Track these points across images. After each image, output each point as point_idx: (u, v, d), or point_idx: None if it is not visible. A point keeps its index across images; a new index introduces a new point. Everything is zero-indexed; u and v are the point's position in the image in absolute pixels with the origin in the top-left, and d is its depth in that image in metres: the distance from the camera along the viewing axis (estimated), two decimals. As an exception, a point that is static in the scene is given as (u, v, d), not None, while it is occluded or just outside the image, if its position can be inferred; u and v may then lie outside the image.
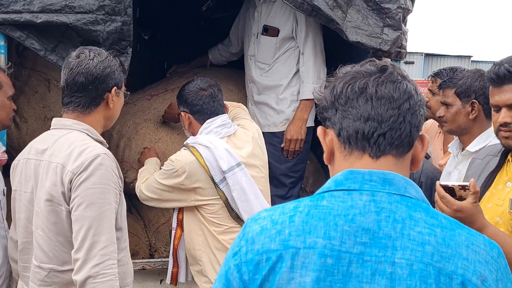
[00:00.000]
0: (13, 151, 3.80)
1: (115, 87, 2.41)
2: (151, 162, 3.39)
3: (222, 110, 3.15)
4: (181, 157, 3.00)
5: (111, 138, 3.81)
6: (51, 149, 2.31)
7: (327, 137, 1.40)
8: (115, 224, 2.29)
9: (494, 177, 2.37)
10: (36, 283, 2.33)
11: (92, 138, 2.37)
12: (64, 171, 2.22)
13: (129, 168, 3.66)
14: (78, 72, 2.33)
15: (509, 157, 2.34)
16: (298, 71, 3.90)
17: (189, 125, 3.13)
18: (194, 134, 3.12)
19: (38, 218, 2.30)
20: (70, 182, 2.21)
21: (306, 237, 1.27)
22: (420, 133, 1.37)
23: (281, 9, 3.72)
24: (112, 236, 2.22)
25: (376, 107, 1.31)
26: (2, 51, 3.01)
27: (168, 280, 3.26)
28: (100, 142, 2.40)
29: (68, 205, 2.22)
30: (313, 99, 3.81)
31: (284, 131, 3.87)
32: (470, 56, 33.08)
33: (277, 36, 3.87)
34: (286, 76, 3.87)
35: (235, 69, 4.48)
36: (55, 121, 2.44)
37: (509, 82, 2.19)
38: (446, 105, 3.11)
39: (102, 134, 2.51)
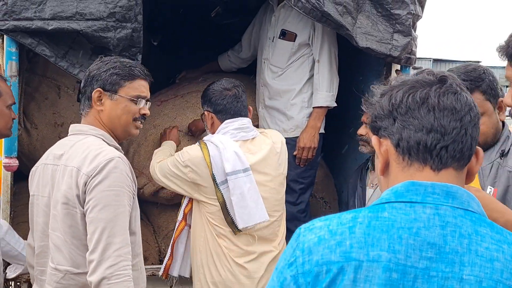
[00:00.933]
0: (23, 157, 3.82)
1: (99, 89, 2.43)
2: (168, 145, 3.48)
3: (245, 111, 3.18)
4: (190, 151, 3.07)
5: (120, 144, 3.81)
6: (67, 154, 2.37)
7: (382, 148, 1.36)
8: (129, 228, 2.32)
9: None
10: (52, 285, 2.36)
11: (108, 143, 2.42)
12: (79, 174, 2.27)
13: (138, 174, 3.65)
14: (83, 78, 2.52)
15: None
16: (310, 78, 3.90)
17: (212, 124, 3.15)
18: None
19: (55, 221, 2.34)
20: (85, 184, 2.25)
21: (369, 249, 1.23)
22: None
23: (300, 15, 3.73)
24: (126, 238, 2.25)
25: (439, 118, 1.28)
26: (14, 57, 3.03)
27: (160, 271, 3.29)
28: (116, 148, 2.45)
29: (83, 207, 2.26)
30: (326, 106, 3.82)
31: (293, 137, 3.86)
32: (479, 62, 33.01)
33: (294, 41, 3.89)
34: (298, 82, 3.87)
35: (245, 74, 4.48)
36: (72, 127, 2.51)
37: None
38: None
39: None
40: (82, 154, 2.31)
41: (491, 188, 2.24)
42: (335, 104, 3.89)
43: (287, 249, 1.34)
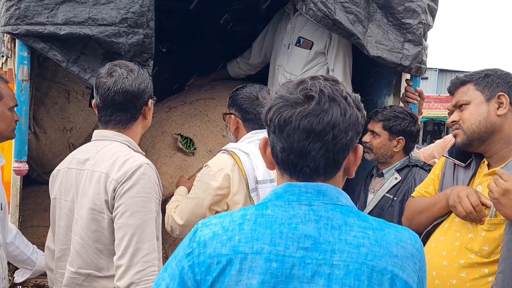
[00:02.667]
0: (32, 161, 3.83)
1: (150, 100, 2.48)
2: (180, 192, 3.27)
3: None
4: (219, 160, 2.93)
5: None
6: (93, 159, 2.36)
7: (267, 150, 1.52)
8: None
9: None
10: (72, 287, 2.38)
11: (133, 149, 2.43)
12: (108, 180, 2.27)
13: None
14: (116, 92, 2.36)
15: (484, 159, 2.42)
16: None
17: (236, 129, 3.06)
18: (237, 139, 3.07)
19: (77, 226, 2.34)
20: (114, 190, 2.25)
21: (253, 243, 1.40)
22: (355, 145, 1.46)
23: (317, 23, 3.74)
24: (153, 244, 2.27)
25: (298, 141, 1.40)
26: (26, 62, 3.03)
27: None
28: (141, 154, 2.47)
29: (111, 213, 2.27)
30: None
31: None
32: (484, 72, 32.93)
33: (310, 49, 3.90)
34: None
35: (253, 81, 4.47)
36: (96, 132, 2.49)
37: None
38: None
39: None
40: (110, 159, 2.31)
41: None
42: None
43: (185, 240, 1.48)
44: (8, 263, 3.13)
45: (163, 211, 2.90)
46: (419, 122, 3.81)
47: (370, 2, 3.51)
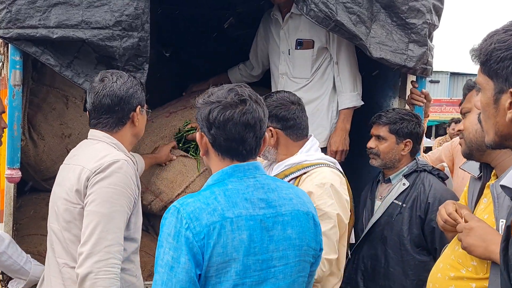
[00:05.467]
0: (29, 168, 3.75)
1: (139, 106, 2.58)
2: None
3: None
4: (328, 174, 2.72)
5: (128, 156, 3.73)
6: (78, 155, 2.53)
7: (203, 140, 2.00)
8: (129, 233, 2.39)
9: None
10: (56, 276, 2.47)
11: (117, 150, 2.52)
12: (83, 171, 2.38)
13: (144, 190, 3.56)
14: (104, 95, 2.50)
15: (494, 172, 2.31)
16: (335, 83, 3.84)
17: (276, 141, 2.83)
18: (280, 152, 2.85)
19: (58, 215, 2.45)
20: (87, 179, 2.34)
21: (233, 209, 1.88)
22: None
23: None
24: (118, 237, 2.31)
25: (239, 132, 1.93)
26: (18, 66, 2.95)
27: None
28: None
29: (83, 201, 2.35)
30: (353, 107, 3.72)
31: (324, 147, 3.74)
32: (496, 75, 32.69)
33: (313, 48, 3.79)
34: (326, 89, 3.77)
35: (258, 86, 4.39)
36: (90, 132, 2.63)
37: None
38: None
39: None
40: (91, 155, 2.44)
41: (502, 221, 2.13)
42: (362, 103, 3.80)
43: (169, 222, 1.85)
44: (2, 273, 3.06)
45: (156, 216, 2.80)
46: (424, 125, 3.70)
47: (373, 1, 3.41)
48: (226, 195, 1.91)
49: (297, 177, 2.77)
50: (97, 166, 2.35)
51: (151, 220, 3.92)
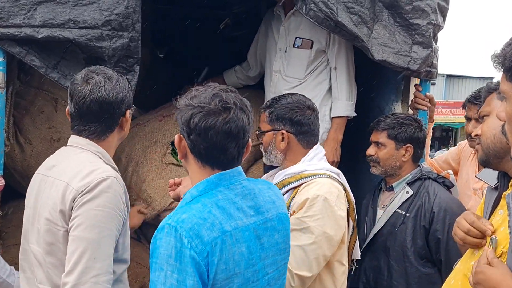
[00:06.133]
0: (16, 174, 3.60)
1: (128, 110, 2.35)
2: None
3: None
4: (325, 186, 2.56)
5: (119, 161, 3.57)
6: (59, 166, 2.22)
7: (181, 143, 1.92)
8: (117, 255, 2.15)
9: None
10: None
11: (104, 161, 2.27)
12: (67, 189, 2.11)
13: (136, 197, 3.41)
14: (92, 101, 2.22)
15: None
16: (330, 87, 3.66)
17: (287, 146, 2.68)
18: (288, 159, 2.71)
19: (39, 236, 2.17)
20: (73, 200, 2.08)
21: (230, 222, 1.81)
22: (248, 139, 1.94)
23: None
24: (108, 265, 2.07)
25: (221, 141, 1.83)
26: (1, 68, 2.79)
27: None
28: (113, 168, 2.29)
29: (67, 224, 2.09)
30: (346, 116, 3.56)
31: None
32: (492, 78, 32.69)
33: (311, 48, 3.64)
34: (319, 93, 3.60)
35: (251, 89, 4.24)
36: (71, 138, 2.33)
37: None
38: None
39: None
40: (75, 169, 2.15)
41: None
42: (355, 114, 3.64)
43: (167, 243, 1.71)
44: (-16, 286, 2.90)
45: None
46: (430, 130, 3.56)
47: (375, 1, 3.27)
48: (219, 206, 1.82)
49: (295, 187, 2.63)
50: (84, 185, 2.08)
51: (143, 229, 3.76)
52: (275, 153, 2.71)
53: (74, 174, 2.13)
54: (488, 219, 2.12)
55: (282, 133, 2.66)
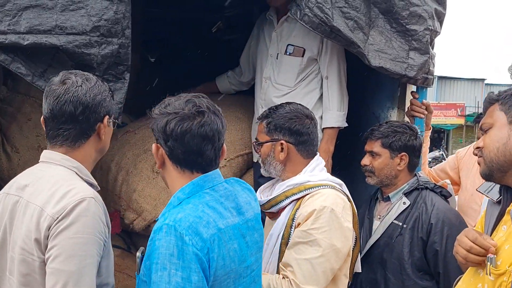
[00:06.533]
0: (3, 183, 3.49)
1: (107, 116, 2.15)
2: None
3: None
4: (330, 197, 2.49)
5: (109, 170, 3.48)
6: (32, 187, 2.02)
7: (158, 152, 1.97)
8: (101, 280, 1.99)
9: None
10: None
11: (81, 178, 2.07)
12: (42, 215, 1.91)
13: (126, 207, 3.31)
14: (66, 101, 2.04)
15: None
16: (320, 97, 3.57)
17: (286, 157, 2.61)
18: (287, 170, 2.64)
19: (13, 265, 1.97)
20: (49, 228, 1.89)
21: (222, 220, 1.89)
22: None
23: (306, 28, 3.41)
24: None
25: (197, 144, 1.91)
26: (-15, 75, 2.70)
27: None
28: (91, 185, 2.09)
29: (44, 254, 1.90)
30: (338, 127, 3.48)
31: None
32: (483, 79, 32.74)
33: (303, 56, 3.55)
34: (309, 102, 3.48)
35: (242, 95, 4.16)
36: (44, 153, 2.14)
37: None
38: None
39: (99, 165, 2.20)
40: (49, 190, 1.96)
41: None
42: (346, 124, 3.55)
43: (168, 242, 1.76)
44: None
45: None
46: (427, 138, 3.49)
47: (371, 6, 3.18)
48: (210, 206, 1.89)
49: (298, 199, 2.56)
50: (59, 211, 1.89)
51: (133, 239, 3.67)
52: (274, 164, 2.63)
53: (48, 197, 1.95)
54: (491, 235, 2.04)
55: (282, 144, 2.59)
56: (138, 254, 2.06)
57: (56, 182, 1.98)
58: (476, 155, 2.13)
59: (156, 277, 1.76)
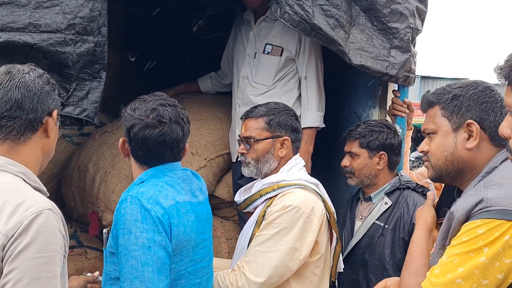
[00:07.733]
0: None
1: (56, 111, 1.92)
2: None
3: None
4: (300, 197, 2.48)
5: (87, 171, 3.40)
6: None
7: (124, 146, 2.24)
8: None
9: None
10: None
11: (29, 184, 1.83)
12: None
13: (104, 209, 3.24)
14: (12, 87, 1.81)
15: None
16: (298, 97, 3.52)
17: (284, 155, 2.63)
18: (279, 167, 2.64)
19: None
20: (3, 249, 1.64)
21: (179, 196, 2.14)
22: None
23: (285, 28, 3.36)
24: None
25: (156, 149, 2.14)
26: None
27: None
28: (40, 191, 1.84)
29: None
30: (317, 127, 3.45)
31: None
32: (466, 79, 33.04)
33: (281, 55, 3.51)
34: (288, 101, 3.40)
35: (223, 94, 4.11)
36: None
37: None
38: None
39: (76, 166, 2.11)
40: None
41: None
42: (324, 125, 3.52)
43: (132, 210, 2.00)
44: None
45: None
46: (408, 138, 3.46)
47: (352, 4, 3.15)
48: (169, 184, 2.14)
49: (271, 197, 2.55)
50: (14, 227, 1.64)
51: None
52: (271, 161, 2.64)
53: None
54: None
55: (284, 140, 2.62)
56: (105, 230, 2.28)
57: (4, 192, 1.73)
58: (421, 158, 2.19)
59: (123, 240, 1.99)
